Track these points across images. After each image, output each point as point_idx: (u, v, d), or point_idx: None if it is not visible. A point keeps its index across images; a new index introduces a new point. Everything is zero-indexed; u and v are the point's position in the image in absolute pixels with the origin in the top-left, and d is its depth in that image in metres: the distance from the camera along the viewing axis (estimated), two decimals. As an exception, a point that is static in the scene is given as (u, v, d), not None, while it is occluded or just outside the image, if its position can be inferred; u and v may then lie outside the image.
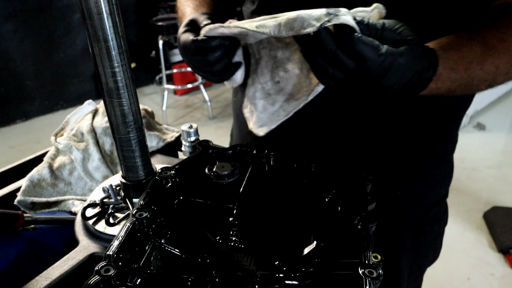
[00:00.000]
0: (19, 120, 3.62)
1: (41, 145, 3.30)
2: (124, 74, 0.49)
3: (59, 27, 3.56)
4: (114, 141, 0.54)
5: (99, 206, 0.58)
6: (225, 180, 0.59)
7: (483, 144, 3.04)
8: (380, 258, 0.45)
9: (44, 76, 3.62)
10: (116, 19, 0.46)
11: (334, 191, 0.58)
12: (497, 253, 2.01)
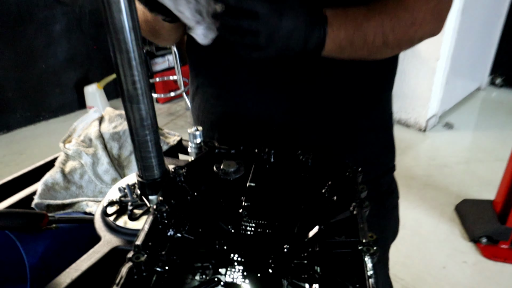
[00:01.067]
0: (1, 132, 3.55)
1: (24, 156, 3.27)
2: (143, 82, 0.53)
3: (40, 38, 3.51)
4: (133, 143, 0.57)
5: (118, 204, 0.61)
6: (232, 176, 0.63)
7: (452, 142, 3.17)
8: (375, 237, 0.51)
9: (26, 88, 3.56)
10: (137, 33, 0.50)
11: (330, 183, 0.63)
12: (468, 242, 2.11)
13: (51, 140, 3.47)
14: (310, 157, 0.66)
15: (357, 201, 0.57)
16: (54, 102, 3.79)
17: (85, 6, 3.65)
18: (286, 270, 0.50)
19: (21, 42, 3.41)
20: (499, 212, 2.10)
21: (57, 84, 3.75)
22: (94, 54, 3.89)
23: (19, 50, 3.42)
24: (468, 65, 3.62)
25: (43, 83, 3.66)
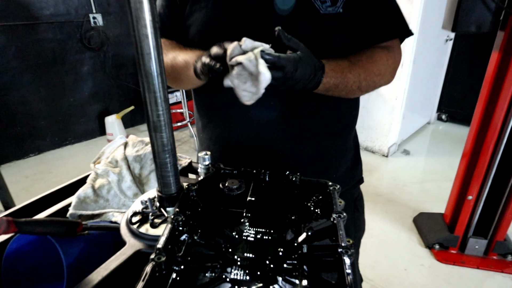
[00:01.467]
0: (32, 154, 3.49)
1: (52, 175, 3.21)
2: (166, 115, 0.55)
3: (70, 77, 3.53)
4: (155, 164, 0.59)
5: (140, 214, 0.62)
6: (235, 192, 0.65)
7: (409, 166, 3.23)
8: (352, 241, 0.52)
9: (55, 117, 3.54)
10: (163, 78, 0.52)
11: (314, 198, 0.65)
12: (424, 248, 2.12)
13: (75, 161, 3.43)
14: (298, 177, 0.68)
15: (337, 213, 0.59)
16: (78, 129, 3.77)
17: (109, 51, 3.70)
18: (280, 269, 0.51)
19: (54, 80, 3.42)
20: (449, 223, 2.12)
21: (82, 115, 3.74)
22: (114, 90, 3.91)
23: (51, 87, 3.42)
24: (420, 104, 3.73)
25: (70, 114, 3.65)
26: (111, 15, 3.63)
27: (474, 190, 1.90)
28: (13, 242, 0.58)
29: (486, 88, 1.76)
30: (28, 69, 3.23)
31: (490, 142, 1.77)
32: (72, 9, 3.34)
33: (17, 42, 3.12)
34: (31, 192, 2.88)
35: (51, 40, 3.29)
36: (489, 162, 1.82)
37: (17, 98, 3.24)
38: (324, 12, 0.74)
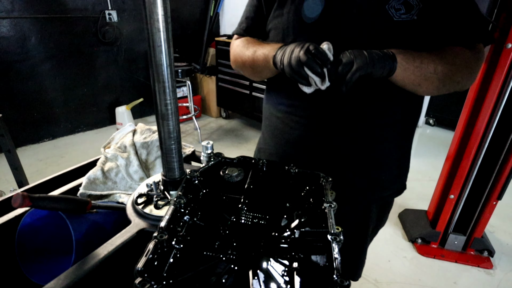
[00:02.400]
0: (47, 139, 3.48)
1: (64, 159, 3.21)
2: (173, 104, 0.55)
3: (84, 69, 3.51)
4: (161, 150, 0.59)
5: (145, 196, 0.62)
6: (234, 179, 0.65)
7: (396, 165, 3.23)
8: (341, 229, 0.52)
9: (69, 105, 3.53)
10: (172, 69, 0.52)
11: (308, 188, 0.65)
12: (408, 242, 2.13)
13: (86, 147, 3.42)
14: (294, 168, 0.68)
15: (328, 202, 0.59)
16: (90, 118, 3.76)
17: (122, 46, 3.68)
18: (273, 251, 0.51)
19: (70, 71, 3.40)
20: (431, 219, 2.13)
21: (94, 104, 3.73)
22: (125, 83, 3.89)
23: (67, 77, 3.41)
24: (410, 108, 3.71)
25: (83, 103, 3.63)
26: (125, 12, 3.60)
27: (456, 190, 1.90)
28: (26, 216, 0.58)
29: (471, 96, 1.76)
30: (46, 59, 3.21)
31: (472, 146, 1.78)
32: (89, 5, 3.32)
33: (37, 34, 3.10)
34: (44, 174, 2.86)
35: (69, 33, 3.26)
36: (471, 165, 1.82)
37: (35, 86, 3.22)
38: (397, 19, 0.72)
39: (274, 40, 0.84)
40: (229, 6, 4.30)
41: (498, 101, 1.63)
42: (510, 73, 1.58)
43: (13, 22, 2.95)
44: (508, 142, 1.70)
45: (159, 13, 0.48)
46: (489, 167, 1.80)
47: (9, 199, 0.66)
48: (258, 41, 0.87)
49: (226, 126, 4.03)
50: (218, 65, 3.91)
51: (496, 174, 1.79)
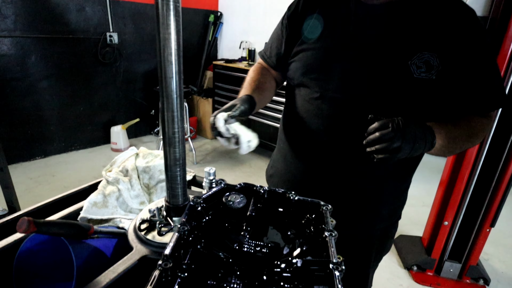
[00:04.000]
0: (39, 157, 3.45)
1: (55, 178, 3.17)
2: (180, 133, 0.57)
3: (82, 88, 3.54)
4: (166, 176, 0.60)
5: (148, 222, 0.62)
6: (236, 206, 0.66)
7: (390, 190, 3.24)
8: (342, 258, 0.53)
9: (65, 123, 3.53)
10: (182, 99, 0.55)
11: (308, 216, 0.66)
12: (403, 269, 2.11)
13: (78, 166, 3.39)
14: (294, 196, 0.69)
15: (328, 231, 0.60)
16: (85, 136, 3.74)
17: (121, 67, 3.74)
18: (276, 280, 0.51)
19: (68, 89, 3.43)
20: (426, 246, 2.13)
21: (89, 123, 3.73)
22: (122, 102, 3.92)
23: (64, 95, 3.42)
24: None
25: (79, 121, 3.63)
26: (126, 35, 3.69)
27: (450, 216, 1.92)
28: (26, 241, 0.58)
29: (463, 124, 1.82)
30: (45, 78, 3.24)
31: (464, 173, 1.82)
32: (91, 27, 3.40)
33: (38, 53, 3.14)
34: (34, 193, 2.82)
35: (69, 53, 3.32)
36: (464, 191, 1.86)
37: (32, 103, 3.23)
38: (417, 76, 0.75)
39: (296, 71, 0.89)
40: (227, 32, 4.44)
41: (487, 130, 1.69)
42: (498, 104, 1.65)
43: (14, 41, 2.99)
44: (498, 169, 1.74)
45: (173, 47, 0.51)
46: (481, 194, 1.83)
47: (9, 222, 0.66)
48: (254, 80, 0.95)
49: (221, 148, 4.04)
50: (215, 88, 3.98)
51: (488, 201, 1.82)
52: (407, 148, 0.65)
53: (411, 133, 0.66)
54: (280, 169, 1.02)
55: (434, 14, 0.77)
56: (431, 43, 0.76)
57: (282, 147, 1.02)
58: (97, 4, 3.38)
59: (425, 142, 0.68)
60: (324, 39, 0.84)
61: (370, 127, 0.67)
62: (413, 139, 0.66)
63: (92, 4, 3.35)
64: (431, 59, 0.75)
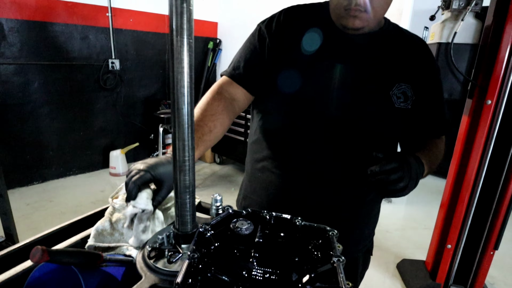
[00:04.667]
0: (36, 182, 3.43)
1: (53, 203, 3.14)
2: (191, 161, 0.59)
3: (82, 113, 3.59)
4: (175, 203, 0.61)
5: (157, 250, 0.63)
6: (244, 232, 0.66)
7: (391, 213, 3.24)
8: (352, 284, 0.54)
9: (64, 148, 3.54)
10: (192, 129, 0.57)
11: (315, 241, 0.67)
12: (408, 295, 2.07)
13: (76, 191, 3.36)
14: (300, 221, 0.70)
15: (336, 256, 0.61)
16: (83, 161, 3.75)
17: (122, 92, 3.81)
18: (286, 308, 0.51)
19: (68, 115, 3.47)
20: (430, 270, 2.10)
21: (88, 147, 3.74)
22: (121, 127, 3.96)
23: (64, 120, 3.46)
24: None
25: (78, 146, 3.65)
26: (128, 61, 3.79)
27: (452, 239, 1.91)
28: (36, 271, 0.58)
29: (459, 147, 1.86)
30: (46, 103, 3.29)
31: (465, 195, 1.83)
32: (94, 54, 3.50)
33: (41, 79, 3.21)
34: (31, 219, 2.78)
35: (72, 79, 3.39)
36: (465, 213, 1.86)
37: (32, 128, 3.26)
38: (397, 106, 0.82)
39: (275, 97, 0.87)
40: (226, 58, 4.58)
41: (484, 151, 1.73)
42: (493, 126, 1.69)
43: (18, 68, 3.07)
44: (498, 190, 1.76)
45: (185, 80, 0.54)
46: (483, 216, 1.83)
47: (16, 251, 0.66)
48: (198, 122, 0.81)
49: (220, 172, 4.04)
50: (214, 112, 4.04)
51: (490, 223, 1.82)
52: (413, 186, 0.71)
53: (414, 172, 0.72)
54: (259, 200, 0.97)
55: (405, 48, 0.86)
56: (406, 75, 0.84)
57: (259, 177, 0.96)
58: (101, 32, 3.50)
59: (420, 175, 0.75)
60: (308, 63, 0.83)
61: (379, 168, 0.69)
62: (415, 176, 0.71)
63: (96, 33, 3.47)
64: (407, 90, 0.83)
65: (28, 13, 3.01)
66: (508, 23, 1.50)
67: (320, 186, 0.88)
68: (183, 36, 0.52)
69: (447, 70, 1.67)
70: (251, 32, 0.93)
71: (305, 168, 0.88)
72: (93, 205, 3.10)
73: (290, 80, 0.84)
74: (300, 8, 0.90)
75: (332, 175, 0.87)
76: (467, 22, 1.64)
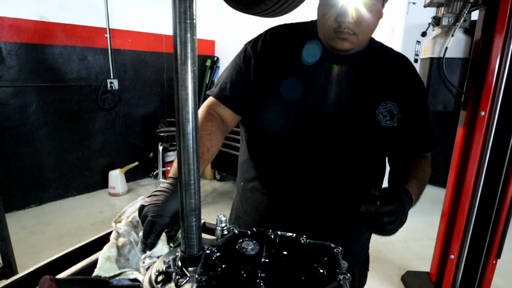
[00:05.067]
0: (33, 205, 3.39)
1: (51, 226, 3.10)
2: (196, 184, 0.59)
3: (81, 133, 3.59)
4: (181, 226, 0.61)
5: (164, 274, 0.63)
6: (250, 252, 0.66)
7: (392, 224, 3.22)
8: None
9: (61, 169, 3.52)
10: (198, 153, 0.58)
11: (321, 259, 0.67)
12: (414, 308, 2.04)
13: (74, 213, 3.33)
14: (305, 239, 0.71)
15: (342, 274, 0.61)
16: (82, 182, 3.72)
17: (120, 111, 3.84)
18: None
19: (66, 135, 3.48)
20: (435, 281, 2.08)
21: (87, 168, 3.73)
22: (120, 146, 3.96)
23: (63, 141, 3.47)
24: (398, 166, 3.84)
25: (76, 167, 3.63)
26: (126, 81, 3.84)
27: (455, 249, 1.91)
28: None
29: (456, 157, 1.88)
30: (44, 125, 3.30)
31: (464, 204, 1.84)
32: (93, 74, 3.54)
33: (39, 101, 3.23)
34: (28, 244, 2.74)
35: (70, 100, 3.42)
36: (466, 223, 1.86)
37: (30, 150, 3.25)
38: (384, 125, 0.84)
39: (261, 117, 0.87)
40: (223, 74, 4.64)
41: (481, 160, 1.75)
42: (487, 136, 1.72)
43: (17, 90, 3.09)
44: (497, 198, 1.77)
45: (190, 106, 0.56)
46: (483, 225, 1.84)
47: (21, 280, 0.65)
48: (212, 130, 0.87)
49: (220, 189, 4.03)
50: (212, 128, 4.06)
51: (491, 232, 1.82)
52: (400, 227, 0.75)
53: (406, 214, 0.76)
54: (250, 221, 0.97)
55: (390, 66, 0.88)
56: (391, 93, 0.86)
57: (249, 197, 0.96)
58: (99, 53, 3.55)
59: (408, 211, 0.78)
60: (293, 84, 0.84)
61: (374, 209, 0.72)
62: (406, 217, 0.76)
63: (94, 54, 3.52)
64: (393, 108, 0.85)
65: (27, 36, 3.06)
66: (496, 36, 1.56)
67: (308, 205, 0.89)
68: (187, 64, 0.54)
69: (441, 83, 1.72)
70: (238, 52, 0.93)
71: (293, 188, 0.89)
72: (92, 226, 3.06)
73: (276, 101, 0.84)
74: (286, 28, 0.91)
75: (321, 194, 0.88)
76: (457, 38, 1.69)
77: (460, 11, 1.65)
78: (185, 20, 0.53)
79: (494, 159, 1.73)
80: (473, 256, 1.89)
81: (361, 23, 0.77)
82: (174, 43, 0.54)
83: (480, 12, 1.69)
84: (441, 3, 1.70)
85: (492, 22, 1.57)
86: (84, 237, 2.86)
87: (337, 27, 0.78)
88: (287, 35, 0.89)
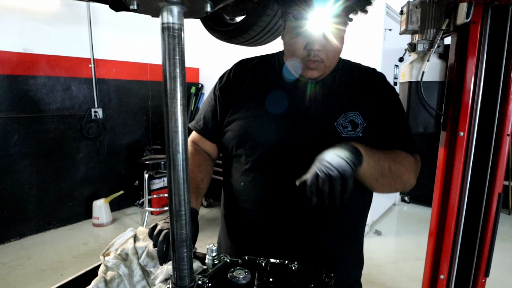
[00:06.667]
0: (13, 239, 3.23)
1: (31, 261, 2.96)
2: (187, 215, 0.60)
3: (64, 163, 3.51)
4: (172, 257, 0.61)
5: (155, 308, 0.61)
6: (242, 282, 0.66)
7: (382, 246, 3.22)
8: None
9: (43, 201, 3.40)
10: (188, 184, 0.59)
11: (312, 285, 0.68)
12: (409, 332, 2.01)
13: (56, 246, 3.18)
14: (296, 266, 0.71)
15: (335, 300, 0.62)
16: (65, 213, 3.59)
17: (105, 140, 3.79)
18: None
19: (49, 166, 3.39)
20: (428, 304, 2.07)
21: (70, 199, 3.61)
22: (105, 175, 3.88)
23: (45, 172, 3.37)
24: (385, 186, 3.90)
25: (59, 198, 3.51)
26: (111, 110, 3.83)
27: (444, 269, 1.92)
28: None
29: (439, 177, 1.94)
30: (26, 156, 3.22)
31: (450, 223, 1.87)
32: (76, 104, 3.52)
33: (21, 132, 3.17)
34: (7, 281, 2.58)
35: (53, 130, 3.37)
36: (453, 241, 1.89)
37: (10, 182, 3.14)
38: (345, 136, 0.84)
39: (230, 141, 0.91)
40: (209, 101, 4.70)
41: (463, 179, 1.81)
42: (468, 155, 1.79)
43: (-2, 122, 3.03)
44: (481, 216, 1.82)
45: (180, 138, 0.58)
46: (470, 243, 1.87)
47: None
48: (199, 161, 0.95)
49: (207, 215, 3.96)
50: (200, 154, 4.05)
51: (478, 250, 1.85)
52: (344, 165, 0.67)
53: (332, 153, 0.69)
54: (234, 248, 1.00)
55: (353, 79, 0.90)
56: (353, 104, 0.87)
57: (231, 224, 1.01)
58: (84, 83, 3.56)
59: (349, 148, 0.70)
60: (256, 108, 0.88)
61: (309, 188, 0.69)
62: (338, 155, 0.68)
63: (79, 84, 3.52)
64: (355, 117, 0.85)
65: (10, 68, 3.05)
66: (469, 60, 1.66)
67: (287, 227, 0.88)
68: (177, 98, 0.57)
69: (420, 106, 1.80)
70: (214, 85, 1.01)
71: (267, 212, 0.89)
72: (76, 259, 2.92)
73: (239, 131, 0.89)
74: (250, 61, 0.97)
75: (293, 215, 0.87)
76: (432, 62, 1.80)
77: (433, 38, 1.77)
78: (174, 56, 0.56)
79: (476, 177, 1.79)
80: (463, 275, 1.90)
81: (329, 51, 0.81)
82: (163, 77, 0.57)
83: (452, 38, 1.82)
84: (416, 31, 1.82)
85: (464, 47, 1.69)
86: (67, 271, 2.72)
87: (306, 55, 0.82)
88: (249, 69, 0.96)
